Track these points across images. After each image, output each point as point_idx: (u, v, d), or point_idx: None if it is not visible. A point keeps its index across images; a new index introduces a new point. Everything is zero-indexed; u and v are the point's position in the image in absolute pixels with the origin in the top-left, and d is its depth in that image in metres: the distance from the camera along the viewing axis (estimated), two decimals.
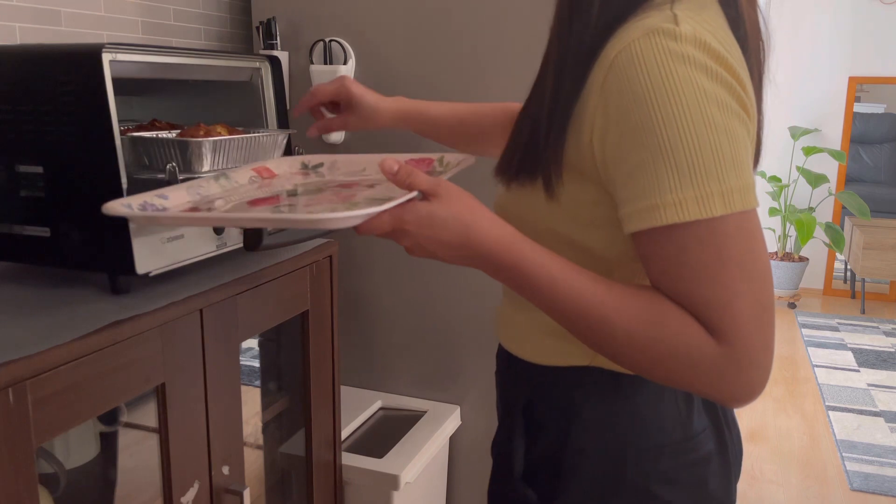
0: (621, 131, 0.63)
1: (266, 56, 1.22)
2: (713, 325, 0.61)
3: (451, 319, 1.70)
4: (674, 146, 0.60)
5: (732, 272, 0.60)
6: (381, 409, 1.76)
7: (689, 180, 0.60)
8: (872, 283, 4.70)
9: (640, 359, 0.64)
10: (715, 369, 0.61)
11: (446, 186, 0.67)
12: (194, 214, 0.73)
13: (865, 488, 2.54)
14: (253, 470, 1.28)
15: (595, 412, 0.76)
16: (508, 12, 1.50)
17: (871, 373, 3.56)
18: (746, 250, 0.61)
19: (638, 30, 0.62)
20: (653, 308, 0.63)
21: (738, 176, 0.60)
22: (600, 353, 0.67)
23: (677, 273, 0.62)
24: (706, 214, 0.60)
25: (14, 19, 1.21)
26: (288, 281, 1.17)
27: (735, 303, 0.60)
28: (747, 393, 0.62)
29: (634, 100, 0.61)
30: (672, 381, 0.64)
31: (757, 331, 0.61)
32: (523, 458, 0.82)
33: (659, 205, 0.61)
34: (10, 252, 0.98)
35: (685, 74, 0.60)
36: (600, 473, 0.76)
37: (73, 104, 0.88)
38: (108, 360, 0.83)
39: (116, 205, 0.74)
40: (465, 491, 1.79)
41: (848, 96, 4.64)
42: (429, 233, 0.65)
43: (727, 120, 0.61)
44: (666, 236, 0.62)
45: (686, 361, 0.62)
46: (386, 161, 0.68)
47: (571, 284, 0.65)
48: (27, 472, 0.74)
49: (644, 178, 0.62)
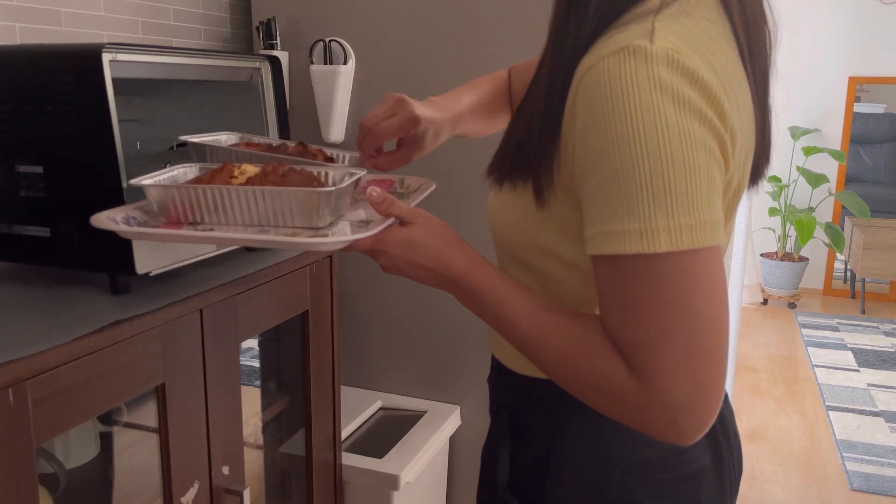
0: (585, 152, 0.61)
1: (266, 56, 1.22)
2: (634, 363, 0.60)
3: (451, 320, 1.70)
4: (626, 175, 0.58)
5: (664, 312, 0.58)
6: (381, 409, 1.76)
7: (636, 212, 0.57)
8: (872, 283, 4.70)
9: (573, 388, 0.65)
10: (636, 408, 0.60)
11: (423, 215, 0.73)
12: (181, 232, 0.75)
13: (865, 488, 2.54)
14: (253, 470, 1.28)
15: (580, 425, 0.75)
16: (509, 12, 1.50)
17: (871, 373, 3.56)
18: (690, 293, 0.58)
19: (610, 46, 0.60)
20: (584, 339, 0.64)
21: (692, 212, 0.57)
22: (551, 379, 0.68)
23: (613, 305, 0.61)
24: (648, 249, 0.57)
25: (14, 19, 1.21)
26: (288, 281, 1.17)
27: (660, 345, 0.58)
28: (676, 434, 0.60)
29: (596, 122, 0.59)
30: (602, 412, 0.64)
31: (682, 375, 0.58)
32: (508, 468, 0.82)
33: (607, 232, 0.59)
34: (10, 252, 0.98)
35: (648, 102, 0.57)
36: (585, 487, 0.75)
37: (73, 104, 0.88)
38: (108, 360, 0.83)
39: (103, 217, 0.76)
40: (465, 491, 1.79)
41: (848, 96, 4.65)
42: (404, 254, 0.71)
43: (689, 152, 0.57)
44: (609, 265, 0.61)
45: (609, 396, 0.62)
46: (372, 192, 0.73)
47: (517, 308, 0.67)
48: (27, 472, 0.74)
49: (598, 203, 0.60)
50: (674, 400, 0.59)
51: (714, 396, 0.59)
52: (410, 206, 0.74)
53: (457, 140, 1.59)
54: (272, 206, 0.77)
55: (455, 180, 1.60)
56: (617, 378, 0.61)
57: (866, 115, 5.36)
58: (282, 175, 0.82)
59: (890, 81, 4.60)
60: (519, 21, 1.49)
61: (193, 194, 0.78)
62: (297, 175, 0.83)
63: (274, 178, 0.82)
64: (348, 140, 1.68)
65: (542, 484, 0.78)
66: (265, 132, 1.24)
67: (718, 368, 0.59)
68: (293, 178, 0.82)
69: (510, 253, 0.76)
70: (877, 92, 5.50)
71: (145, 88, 1.19)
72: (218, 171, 0.83)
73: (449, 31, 1.55)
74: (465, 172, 1.60)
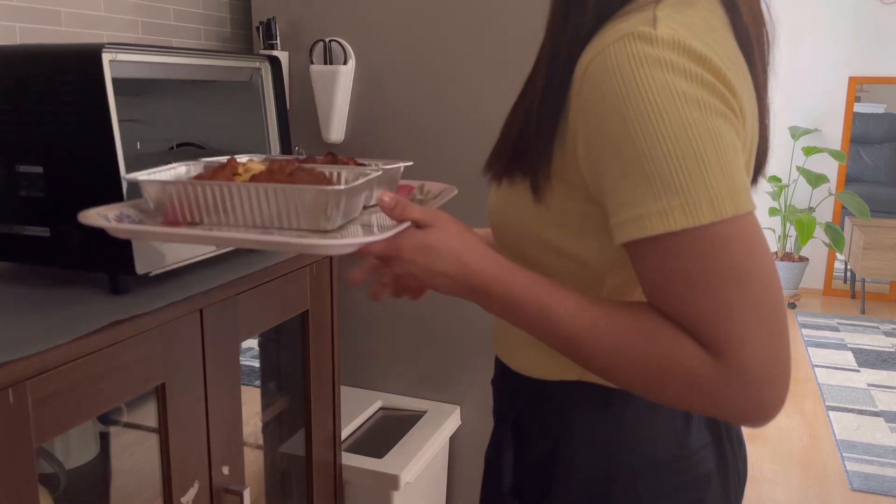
0: (601, 140, 0.60)
1: (266, 56, 1.22)
2: (708, 341, 0.57)
3: (452, 319, 1.70)
4: (654, 153, 0.57)
5: (727, 282, 0.56)
6: (381, 409, 1.76)
7: (673, 188, 0.56)
8: (872, 283, 4.70)
9: (636, 380, 0.61)
10: (716, 389, 0.57)
11: (441, 217, 0.67)
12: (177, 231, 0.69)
13: (865, 488, 2.54)
14: (253, 470, 1.28)
15: (585, 428, 0.74)
16: (508, 12, 1.50)
17: (871, 373, 3.56)
18: (744, 256, 0.57)
19: (614, 34, 0.60)
20: (643, 325, 0.60)
21: (727, 179, 0.57)
22: (602, 377, 0.64)
23: (668, 286, 0.59)
24: (694, 223, 0.56)
25: (14, 19, 1.21)
26: (288, 281, 1.17)
27: (732, 315, 0.56)
28: (759, 412, 0.57)
29: (610, 108, 0.59)
30: (673, 402, 0.61)
31: (761, 343, 0.56)
32: (512, 472, 0.81)
33: (643, 214, 0.58)
34: (10, 252, 0.98)
35: (661, 79, 0.57)
36: (589, 491, 0.74)
37: (73, 104, 0.88)
38: (108, 360, 0.83)
39: (93, 213, 0.70)
40: (465, 491, 1.79)
41: (848, 96, 4.65)
42: (422, 260, 0.66)
43: (710, 121, 0.57)
44: (653, 248, 0.59)
45: (683, 381, 0.58)
46: (383, 197, 0.68)
47: (560, 307, 0.63)
48: (27, 472, 0.74)
49: (627, 188, 0.59)
50: (754, 372, 0.56)
51: (788, 364, 0.57)
52: (426, 208, 0.69)
53: (456, 139, 1.59)
54: (276, 205, 0.71)
55: (456, 178, 1.60)
56: (692, 359, 0.58)
57: (866, 115, 5.35)
58: (289, 173, 0.76)
59: (890, 81, 4.60)
60: (517, 20, 1.49)
61: (192, 192, 0.72)
62: (305, 174, 0.76)
63: (280, 176, 0.75)
64: (348, 140, 1.68)
65: (546, 487, 0.77)
66: (265, 132, 1.24)
67: (786, 333, 0.58)
68: (301, 176, 0.75)
69: (510, 248, 0.76)
70: (877, 92, 5.50)
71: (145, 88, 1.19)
72: (220, 168, 0.77)
73: (449, 31, 1.55)
74: (466, 169, 1.59)
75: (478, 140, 1.57)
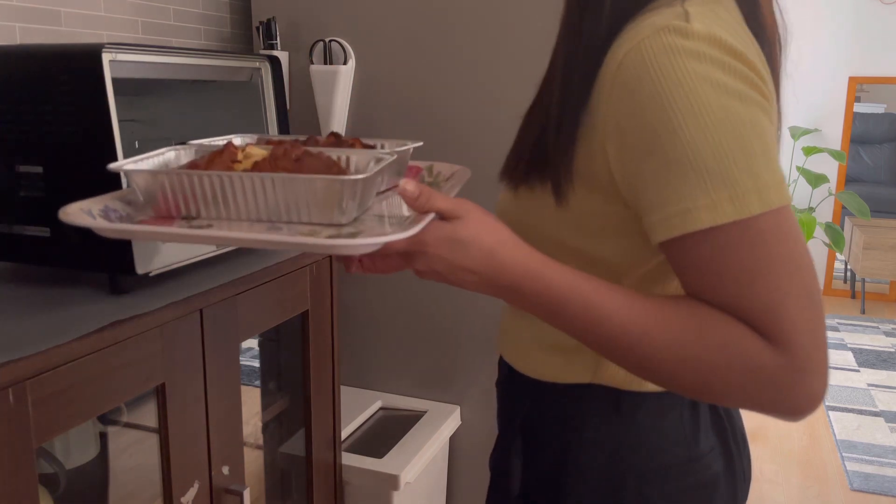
0: (638, 135, 0.59)
1: (266, 56, 1.22)
2: (768, 332, 0.56)
3: (452, 319, 1.70)
4: (698, 146, 0.56)
5: (779, 271, 0.56)
6: (381, 409, 1.76)
7: (720, 180, 0.56)
8: (872, 283, 4.70)
9: (697, 375, 0.58)
10: (776, 379, 0.56)
11: (469, 208, 0.62)
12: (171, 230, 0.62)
13: (865, 488, 2.54)
14: (253, 470, 1.28)
15: (595, 432, 0.74)
16: (510, 12, 1.50)
17: (871, 373, 3.56)
18: (791, 245, 0.57)
19: (647, 28, 0.59)
20: (703, 317, 0.58)
21: (771, 170, 0.57)
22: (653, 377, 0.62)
23: (718, 280, 0.58)
24: (744, 214, 0.56)
25: (14, 19, 1.21)
26: (288, 281, 1.17)
27: (787, 303, 0.56)
28: (810, 402, 0.57)
29: (649, 101, 0.58)
30: (733, 395, 0.59)
31: (811, 331, 0.56)
32: (520, 477, 0.80)
33: (691, 208, 0.57)
34: (10, 252, 0.98)
35: (701, 71, 0.57)
36: (599, 495, 0.74)
37: (73, 104, 0.88)
38: (108, 360, 0.83)
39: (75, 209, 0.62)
40: (465, 491, 1.79)
41: (848, 96, 4.65)
42: (448, 256, 0.61)
43: (751, 112, 0.57)
44: (702, 242, 0.57)
45: (746, 371, 0.57)
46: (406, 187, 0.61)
47: (606, 302, 0.60)
48: (27, 472, 0.74)
49: (670, 183, 0.58)
50: (810, 360, 0.56)
51: (827, 352, 0.57)
52: (452, 198, 0.63)
53: (456, 139, 1.59)
54: (284, 197, 0.63)
55: None
56: (754, 347, 0.56)
57: (866, 115, 5.35)
58: (295, 159, 0.68)
59: (890, 81, 4.60)
60: (521, 20, 1.49)
61: (188, 182, 0.64)
62: (313, 160, 0.68)
63: (286, 162, 0.68)
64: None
65: (555, 491, 0.76)
66: (265, 132, 1.24)
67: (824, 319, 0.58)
68: (309, 163, 0.68)
69: None
70: (877, 92, 5.50)
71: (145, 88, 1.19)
72: (218, 154, 0.69)
73: (449, 31, 1.55)
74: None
75: (478, 140, 1.57)
